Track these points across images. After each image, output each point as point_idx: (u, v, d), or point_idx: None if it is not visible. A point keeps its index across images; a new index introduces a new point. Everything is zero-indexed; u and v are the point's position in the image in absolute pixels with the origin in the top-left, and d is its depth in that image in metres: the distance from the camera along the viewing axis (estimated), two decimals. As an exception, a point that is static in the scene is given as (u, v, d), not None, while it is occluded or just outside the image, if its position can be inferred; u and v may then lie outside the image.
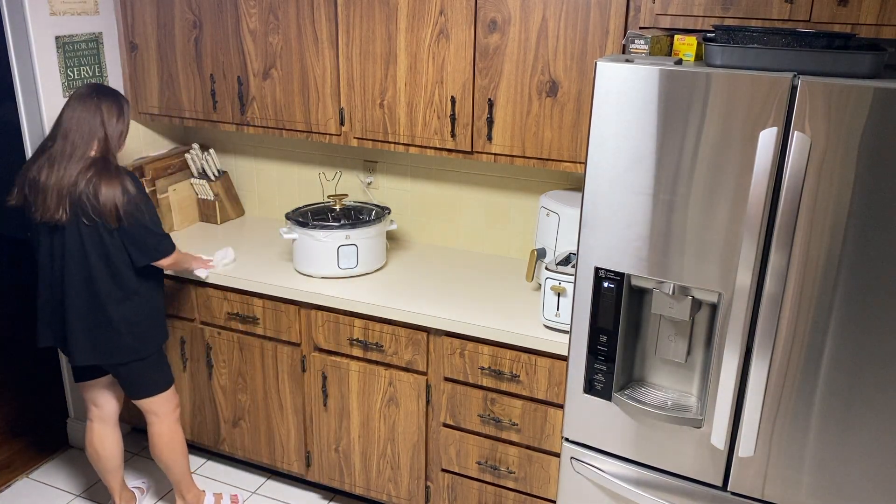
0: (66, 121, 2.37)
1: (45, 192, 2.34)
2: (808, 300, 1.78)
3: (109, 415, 2.74)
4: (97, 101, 2.39)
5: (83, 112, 2.37)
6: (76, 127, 2.36)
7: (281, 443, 2.96)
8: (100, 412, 2.72)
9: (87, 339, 2.46)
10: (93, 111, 2.37)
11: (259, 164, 3.39)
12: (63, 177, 2.33)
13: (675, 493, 2.06)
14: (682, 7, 2.14)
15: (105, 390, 2.70)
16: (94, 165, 2.35)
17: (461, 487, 2.67)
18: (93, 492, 3.07)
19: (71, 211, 2.34)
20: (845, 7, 1.96)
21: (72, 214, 2.35)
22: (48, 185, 2.33)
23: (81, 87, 2.45)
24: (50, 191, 2.33)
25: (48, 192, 2.33)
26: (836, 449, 1.84)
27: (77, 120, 2.36)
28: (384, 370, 2.65)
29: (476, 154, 2.60)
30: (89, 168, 2.34)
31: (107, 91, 2.44)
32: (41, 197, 2.35)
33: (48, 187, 2.34)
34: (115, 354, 2.49)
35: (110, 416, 2.74)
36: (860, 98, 1.62)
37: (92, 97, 2.39)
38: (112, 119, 2.40)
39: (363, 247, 2.75)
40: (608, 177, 1.92)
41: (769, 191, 1.73)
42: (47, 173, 2.34)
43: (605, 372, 2.06)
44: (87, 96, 2.39)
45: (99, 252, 2.39)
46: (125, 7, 3.01)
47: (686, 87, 1.77)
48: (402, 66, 2.60)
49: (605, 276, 2.00)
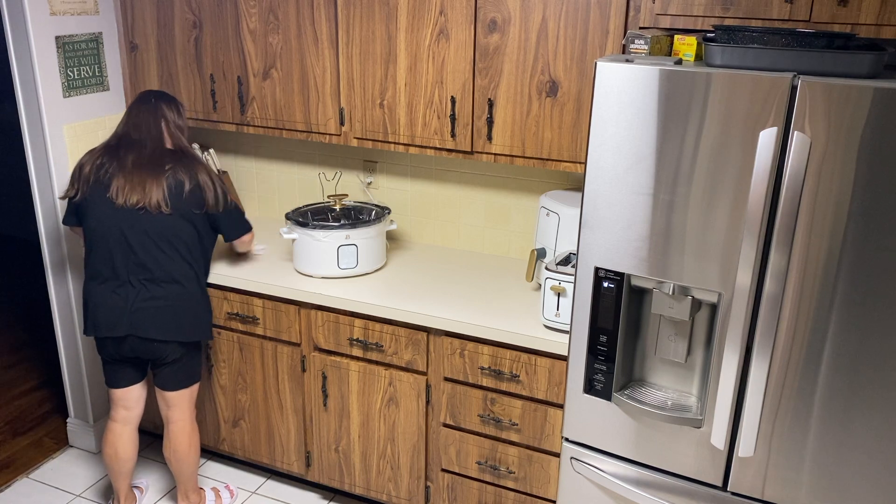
0: (132, 119, 2.57)
1: (128, 182, 2.46)
2: (808, 300, 1.78)
3: (135, 418, 2.76)
4: (155, 101, 2.59)
5: (146, 111, 2.57)
6: (146, 124, 2.55)
7: (281, 443, 2.97)
8: (128, 415, 2.73)
9: (161, 318, 2.52)
10: (154, 109, 2.57)
11: (259, 164, 3.39)
12: (150, 167, 2.48)
13: (675, 493, 2.06)
14: (682, 7, 2.14)
15: (139, 393, 2.74)
16: (179, 156, 2.54)
17: (461, 487, 2.67)
18: (93, 492, 3.07)
19: (163, 196, 2.47)
20: (845, 7, 1.96)
21: (162, 199, 2.47)
22: (130, 175, 2.47)
23: (139, 94, 2.64)
24: (134, 180, 2.46)
25: (132, 181, 2.46)
26: (836, 449, 1.85)
27: (145, 117, 2.56)
28: (384, 370, 2.65)
29: (476, 154, 2.60)
30: (175, 158, 2.52)
31: (161, 93, 2.64)
32: (120, 186, 2.46)
33: (130, 177, 2.47)
34: (189, 332, 2.58)
35: (135, 419, 2.76)
36: (860, 98, 1.62)
37: (150, 99, 2.59)
38: (174, 114, 2.60)
39: (363, 247, 2.75)
40: (608, 177, 1.92)
41: (769, 191, 1.73)
42: (124, 164, 2.48)
43: (605, 372, 2.06)
44: (145, 99, 2.59)
45: (174, 232, 2.52)
46: (125, 7, 3.01)
47: (686, 87, 1.77)
48: (402, 66, 2.60)
49: (605, 276, 2.00)
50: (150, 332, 2.51)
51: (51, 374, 3.97)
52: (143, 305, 2.50)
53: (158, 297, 2.51)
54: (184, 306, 2.56)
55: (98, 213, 2.50)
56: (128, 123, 2.57)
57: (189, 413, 2.73)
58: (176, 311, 2.54)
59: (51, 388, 3.83)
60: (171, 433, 2.72)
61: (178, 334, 2.56)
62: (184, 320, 2.56)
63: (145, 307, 2.50)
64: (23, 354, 4.17)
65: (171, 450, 2.73)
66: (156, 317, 2.51)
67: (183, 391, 2.68)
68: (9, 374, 3.97)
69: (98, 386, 3.26)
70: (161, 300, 2.52)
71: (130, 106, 2.61)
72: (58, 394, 3.76)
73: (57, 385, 3.84)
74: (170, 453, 2.74)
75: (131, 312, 2.50)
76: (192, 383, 2.71)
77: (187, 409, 2.72)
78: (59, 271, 3.07)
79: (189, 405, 2.72)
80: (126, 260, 2.50)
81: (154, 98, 2.59)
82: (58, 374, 3.91)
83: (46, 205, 2.99)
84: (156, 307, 2.51)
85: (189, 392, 2.70)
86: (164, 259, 2.51)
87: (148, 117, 2.56)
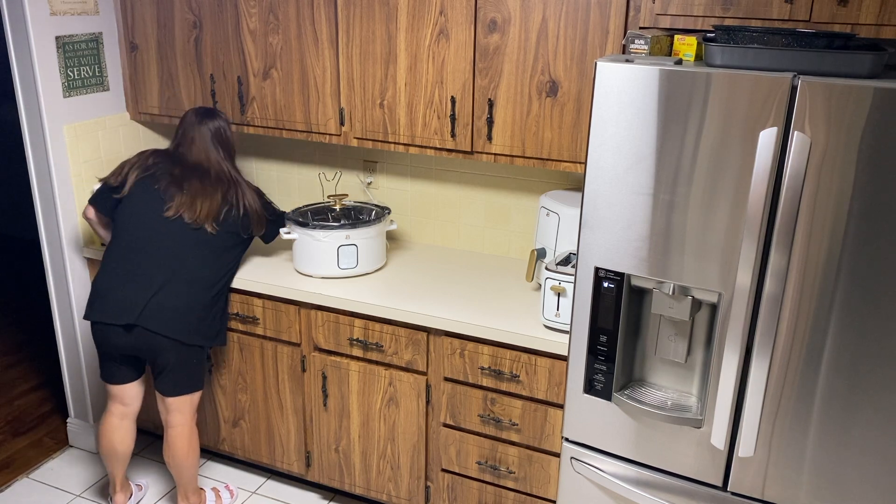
0: (189, 135, 2.70)
1: (182, 199, 2.59)
2: (808, 300, 1.78)
3: (133, 412, 2.77)
4: (207, 120, 2.71)
5: (200, 131, 2.70)
6: (200, 142, 2.69)
7: (281, 443, 2.97)
8: (125, 409, 2.75)
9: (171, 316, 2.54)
10: (206, 129, 2.70)
11: (259, 164, 3.39)
12: (202, 190, 2.61)
13: (675, 493, 2.06)
14: (682, 7, 2.14)
15: (136, 390, 2.75)
16: (228, 181, 2.67)
17: (461, 487, 2.67)
18: (93, 491, 3.07)
19: (212, 219, 2.61)
20: (845, 7, 1.96)
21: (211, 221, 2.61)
22: (183, 193, 2.59)
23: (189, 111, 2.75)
24: (185, 199, 2.59)
25: (184, 200, 2.59)
26: (836, 449, 1.85)
27: (199, 137, 2.69)
28: (384, 370, 2.65)
29: (476, 154, 2.60)
30: (225, 184, 2.66)
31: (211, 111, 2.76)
32: (175, 199, 2.59)
33: (183, 195, 2.59)
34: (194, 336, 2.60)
35: (133, 414, 2.78)
36: (860, 98, 1.62)
37: (202, 117, 2.72)
38: (225, 135, 2.74)
39: (363, 247, 2.75)
40: (608, 177, 1.92)
41: (769, 191, 1.73)
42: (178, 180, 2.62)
43: (605, 372, 2.06)
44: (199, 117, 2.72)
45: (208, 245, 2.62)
46: (125, 7, 3.01)
47: (686, 87, 1.77)
48: (402, 66, 2.60)
49: (605, 276, 2.00)
50: (158, 327, 2.52)
51: (51, 374, 3.97)
52: (158, 301, 2.52)
53: (174, 296, 2.54)
54: (199, 310, 2.58)
55: (142, 212, 2.60)
56: (184, 138, 2.70)
57: (189, 418, 2.70)
58: (189, 313, 2.56)
59: (51, 388, 3.83)
60: (170, 437, 2.70)
61: (184, 335, 2.55)
62: (195, 323, 2.57)
63: (160, 302, 2.52)
64: (23, 354, 4.17)
65: (170, 454, 2.72)
66: (170, 315, 2.53)
67: (183, 397, 2.66)
68: (9, 374, 3.97)
69: (98, 386, 3.26)
70: (176, 299, 2.54)
71: (187, 120, 2.71)
72: (58, 394, 3.76)
73: (57, 385, 3.84)
74: (169, 457, 2.74)
75: (145, 305, 2.51)
76: (193, 390, 2.68)
77: (188, 415, 2.70)
78: (59, 271, 3.07)
79: (190, 411, 2.70)
80: (154, 253, 2.55)
81: (207, 118, 2.71)
82: (58, 374, 3.91)
83: (46, 205, 2.99)
84: (173, 306, 2.53)
85: (190, 399, 2.68)
86: (192, 264, 2.58)
87: (203, 139, 2.68)
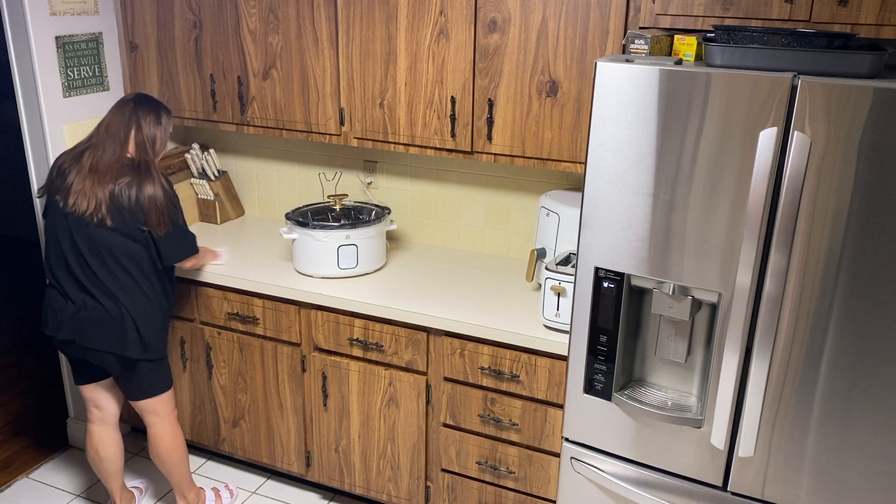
0: (105, 122, 2.50)
1: (80, 187, 2.40)
2: (808, 300, 1.78)
3: (111, 416, 2.74)
4: (133, 106, 2.50)
5: (119, 115, 2.48)
6: (113, 128, 2.47)
7: (281, 443, 2.97)
8: (101, 414, 2.72)
9: (100, 330, 2.46)
10: (128, 114, 2.48)
11: (259, 164, 3.39)
12: (101, 175, 2.41)
13: (675, 493, 2.06)
14: (682, 7, 2.14)
15: (106, 392, 2.70)
16: (135, 167, 2.44)
17: (461, 487, 2.67)
18: (92, 492, 3.07)
19: (107, 208, 2.40)
20: (845, 7, 1.96)
21: (106, 211, 2.40)
22: (83, 181, 2.41)
23: (123, 96, 2.57)
24: (85, 186, 2.40)
25: (83, 187, 2.40)
26: (836, 449, 1.85)
27: (115, 122, 2.47)
28: (384, 370, 2.65)
29: (476, 154, 2.60)
30: (129, 170, 2.43)
31: (145, 98, 2.55)
32: (73, 190, 2.41)
33: (83, 182, 2.40)
34: (128, 348, 2.49)
35: (111, 418, 2.74)
36: (860, 98, 1.62)
37: (128, 103, 2.51)
38: (148, 122, 2.49)
39: (363, 247, 2.75)
40: (608, 177, 1.92)
41: (769, 191, 1.73)
42: (82, 168, 2.42)
43: (605, 372, 2.06)
44: (124, 102, 2.51)
45: (121, 248, 2.44)
46: (125, 7, 3.01)
47: (686, 87, 1.77)
48: (402, 66, 2.60)
49: (605, 276, 2.00)
50: (89, 341, 2.47)
51: (51, 374, 3.97)
52: (86, 315, 2.45)
53: (99, 309, 2.45)
54: (123, 321, 2.46)
55: (54, 213, 2.47)
56: (99, 126, 2.50)
57: (166, 417, 2.66)
58: (115, 325, 2.46)
59: (51, 388, 3.83)
60: (151, 438, 2.69)
61: (115, 347, 2.47)
62: (124, 335, 2.47)
63: (87, 316, 2.45)
64: (23, 354, 4.17)
65: (155, 454, 2.72)
66: (96, 327, 2.45)
67: (151, 399, 2.62)
68: (9, 374, 3.97)
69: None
70: (101, 312, 2.45)
71: (111, 108, 2.53)
72: (58, 394, 3.76)
73: (57, 385, 3.84)
74: (155, 457, 2.73)
75: (74, 319, 2.46)
76: (158, 392, 2.62)
77: (163, 414, 2.66)
78: (59, 271, 3.07)
79: (164, 409, 2.65)
80: (76, 265, 2.44)
81: (134, 103, 2.50)
82: (58, 374, 3.91)
83: (46, 205, 2.99)
84: (98, 318, 2.45)
85: (158, 400, 2.63)
86: (104, 272, 2.43)
87: (119, 123, 2.47)
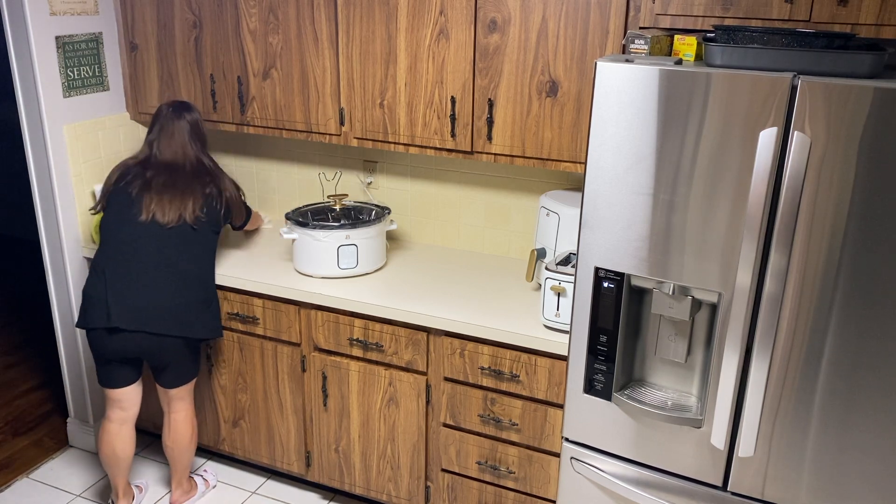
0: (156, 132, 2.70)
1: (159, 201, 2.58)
2: (808, 300, 1.78)
3: (132, 416, 2.78)
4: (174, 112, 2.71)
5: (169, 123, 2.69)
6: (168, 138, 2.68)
7: (281, 443, 2.97)
8: (124, 414, 2.75)
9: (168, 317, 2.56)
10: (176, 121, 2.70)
11: (259, 164, 3.39)
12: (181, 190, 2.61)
13: (675, 493, 2.06)
14: (682, 7, 2.14)
15: (134, 393, 2.75)
16: (207, 172, 2.69)
17: (461, 487, 2.67)
18: (93, 492, 3.07)
19: (192, 216, 2.60)
20: (845, 7, 1.96)
21: (191, 219, 2.61)
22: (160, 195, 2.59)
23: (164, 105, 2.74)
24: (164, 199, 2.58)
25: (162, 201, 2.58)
26: (836, 449, 1.85)
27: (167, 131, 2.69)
28: (384, 370, 2.65)
29: (476, 154, 2.60)
30: (204, 176, 2.67)
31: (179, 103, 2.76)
32: (148, 206, 2.58)
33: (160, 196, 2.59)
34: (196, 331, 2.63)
35: (133, 418, 2.78)
36: (860, 98, 1.62)
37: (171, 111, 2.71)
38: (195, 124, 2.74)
39: (363, 247, 2.75)
40: (608, 177, 1.92)
41: (769, 191, 1.73)
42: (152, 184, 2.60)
43: (605, 372, 2.06)
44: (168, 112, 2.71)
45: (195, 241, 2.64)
46: (125, 7, 3.01)
47: (686, 87, 1.77)
48: (402, 66, 2.60)
49: (605, 276, 2.00)
50: (162, 328, 2.54)
51: (51, 374, 3.97)
52: (159, 303, 2.54)
53: (172, 296, 2.55)
54: (196, 305, 2.61)
55: (121, 219, 2.59)
56: (162, 135, 2.69)
57: (190, 403, 2.81)
58: (188, 310, 2.59)
59: (51, 388, 3.83)
60: (174, 423, 2.78)
61: (188, 331, 2.59)
62: (195, 319, 2.61)
63: (160, 304, 2.54)
64: (23, 354, 4.17)
65: (174, 440, 2.79)
66: (170, 314, 2.55)
67: (186, 385, 2.75)
68: (9, 374, 3.97)
69: (98, 386, 3.26)
70: (175, 298, 2.56)
71: (163, 114, 2.70)
72: (58, 394, 3.76)
73: (57, 385, 3.84)
74: (172, 443, 2.80)
75: (145, 308, 2.52)
76: (192, 378, 2.77)
77: (188, 400, 2.80)
78: (59, 271, 3.07)
79: (190, 396, 2.80)
80: (143, 262, 2.54)
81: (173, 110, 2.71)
82: (58, 374, 3.91)
83: (46, 205, 2.99)
84: (171, 305, 2.55)
85: (190, 386, 2.77)
86: (179, 261, 2.58)
87: (183, 133, 2.69)
